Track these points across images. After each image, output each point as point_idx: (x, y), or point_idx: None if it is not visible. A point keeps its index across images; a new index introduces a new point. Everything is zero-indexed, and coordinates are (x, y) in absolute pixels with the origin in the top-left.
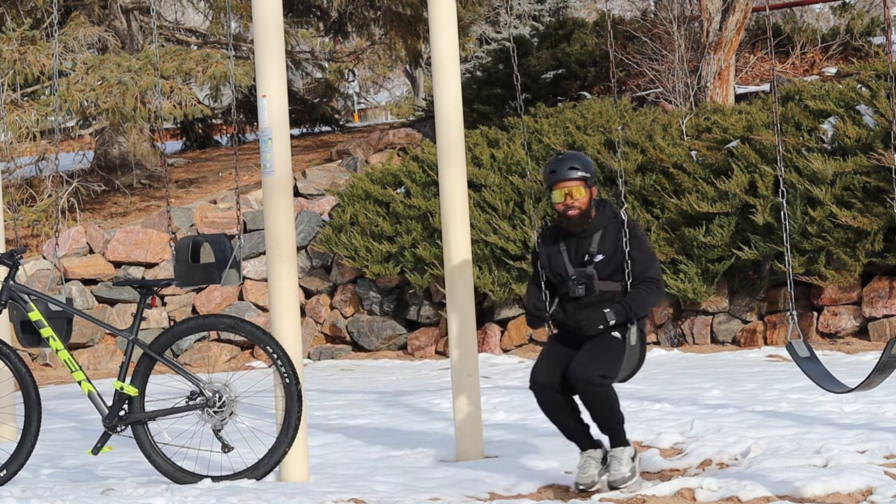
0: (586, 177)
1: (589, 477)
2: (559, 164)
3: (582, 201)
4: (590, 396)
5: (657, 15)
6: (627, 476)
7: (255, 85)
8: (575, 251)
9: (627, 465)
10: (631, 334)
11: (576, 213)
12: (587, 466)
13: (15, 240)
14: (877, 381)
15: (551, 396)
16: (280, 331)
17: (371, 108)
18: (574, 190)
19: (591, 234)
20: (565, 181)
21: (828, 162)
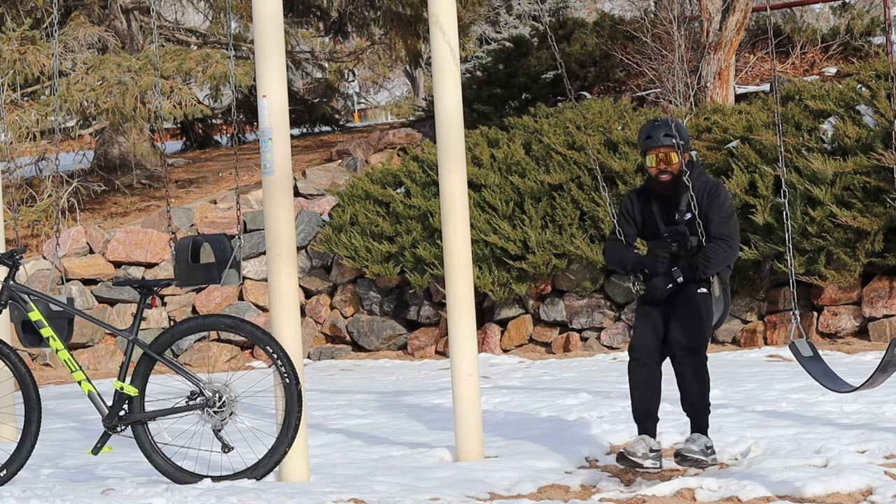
0: (680, 143)
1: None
2: (654, 129)
3: (674, 166)
4: (688, 366)
5: (657, 15)
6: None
7: (255, 85)
8: (665, 211)
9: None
10: (714, 287)
11: (668, 177)
12: (639, 443)
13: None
14: (879, 380)
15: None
16: (280, 331)
17: (371, 108)
18: (667, 155)
19: (679, 195)
20: (660, 147)
21: (828, 162)
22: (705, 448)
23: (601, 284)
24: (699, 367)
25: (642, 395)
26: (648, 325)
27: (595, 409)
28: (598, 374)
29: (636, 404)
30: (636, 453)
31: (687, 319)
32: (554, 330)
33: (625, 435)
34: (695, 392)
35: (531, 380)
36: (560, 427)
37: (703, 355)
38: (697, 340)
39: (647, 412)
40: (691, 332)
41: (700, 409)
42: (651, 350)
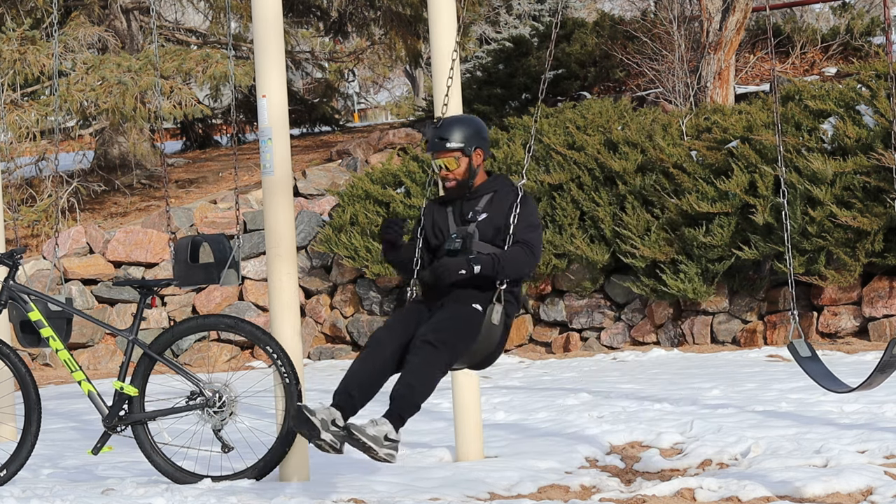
0: (461, 146)
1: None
2: (434, 132)
3: (458, 171)
4: (421, 358)
5: (657, 15)
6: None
7: (255, 85)
8: (460, 211)
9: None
10: (494, 312)
11: (453, 184)
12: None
13: (15, 240)
14: (878, 380)
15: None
16: (280, 331)
17: (371, 108)
18: (448, 161)
19: (480, 195)
20: (439, 152)
21: (828, 162)
22: (383, 437)
23: (601, 284)
24: (427, 364)
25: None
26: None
27: (595, 409)
28: (598, 374)
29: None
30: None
31: (443, 319)
32: (554, 330)
33: (625, 435)
34: (409, 384)
35: (531, 380)
36: (560, 427)
37: (440, 357)
38: (442, 339)
39: (348, 392)
40: (440, 329)
41: (405, 403)
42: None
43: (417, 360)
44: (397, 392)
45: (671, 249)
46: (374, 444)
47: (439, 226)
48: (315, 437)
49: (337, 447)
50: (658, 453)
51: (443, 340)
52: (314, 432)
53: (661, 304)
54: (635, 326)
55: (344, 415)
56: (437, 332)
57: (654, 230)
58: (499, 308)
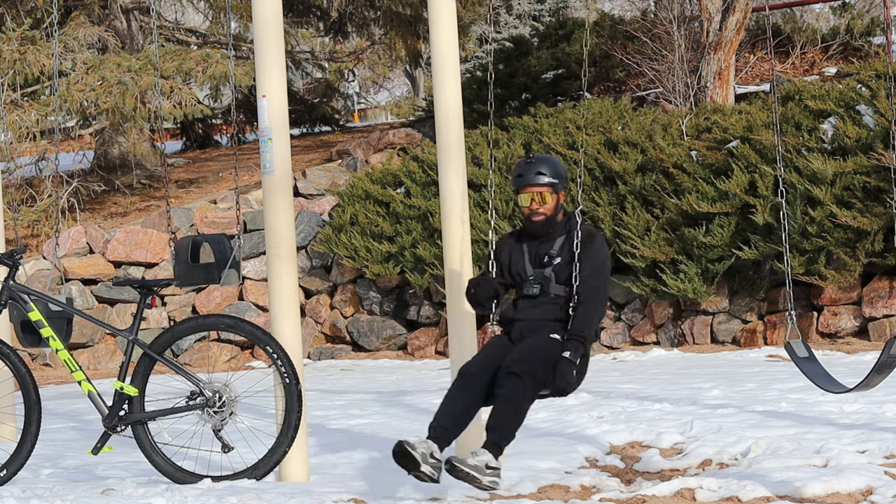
0: (554, 182)
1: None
2: (528, 167)
3: (548, 207)
4: (508, 390)
5: (657, 15)
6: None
7: (255, 85)
8: (536, 252)
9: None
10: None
11: (541, 218)
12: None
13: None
14: (876, 380)
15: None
16: (280, 331)
17: (371, 108)
18: (540, 195)
19: (554, 237)
20: (532, 186)
21: (828, 162)
22: (484, 466)
23: None
24: (516, 395)
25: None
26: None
27: (595, 409)
28: (598, 374)
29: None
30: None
31: (524, 351)
32: None
33: (625, 435)
34: (502, 417)
35: None
36: (560, 427)
37: (526, 387)
38: (526, 370)
39: (444, 426)
40: (524, 361)
41: (500, 433)
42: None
43: (505, 392)
44: (492, 424)
45: (671, 249)
46: (477, 474)
47: (516, 266)
48: (415, 470)
49: (435, 478)
50: (658, 453)
51: (527, 371)
52: (414, 465)
53: (661, 304)
54: (635, 326)
55: (440, 445)
56: (522, 363)
57: (654, 230)
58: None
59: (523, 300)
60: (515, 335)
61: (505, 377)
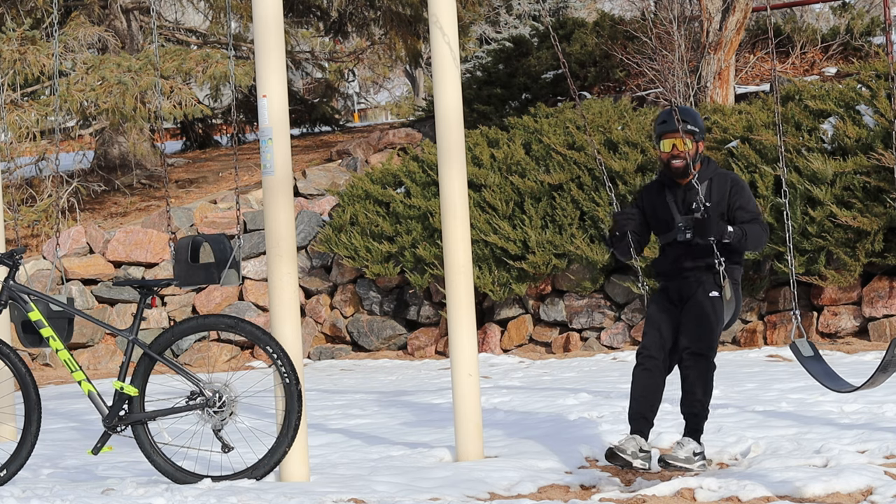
0: (694, 130)
1: (630, 446)
2: (670, 115)
3: (689, 152)
4: (695, 371)
5: (657, 15)
6: (680, 458)
7: (255, 85)
8: (682, 200)
9: (690, 452)
10: (726, 290)
11: (681, 163)
12: (629, 441)
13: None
14: (880, 380)
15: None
16: (280, 331)
17: (371, 108)
18: (680, 141)
19: (700, 183)
20: (674, 132)
21: (828, 162)
22: (692, 455)
23: (601, 284)
24: (704, 372)
25: (641, 397)
26: (656, 330)
27: (595, 409)
28: (598, 374)
29: (633, 404)
30: (626, 450)
31: (696, 325)
32: (554, 330)
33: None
34: (696, 396)
35: (531, 380)
36: (560, 427)
37: (709, 361)
38: (706, 346)
39: (642, 414)
40: (699, 337)
41: (697, 414)
42: (656, 355)
43: (692, 373)
44: (688, 411)
45: None
46: (688, 465)
47: (662, 214)
48: (628, 468)
49: (646, 468)
50: (658, 453)
51: (706, 346)
52: (627, 465)
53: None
54: (635, 326)
55: (644, 435)
56: (698, 340)
57: None
58: (727, 285)
59: (672, 247)
60: (674, 296)
61: (688, 358)
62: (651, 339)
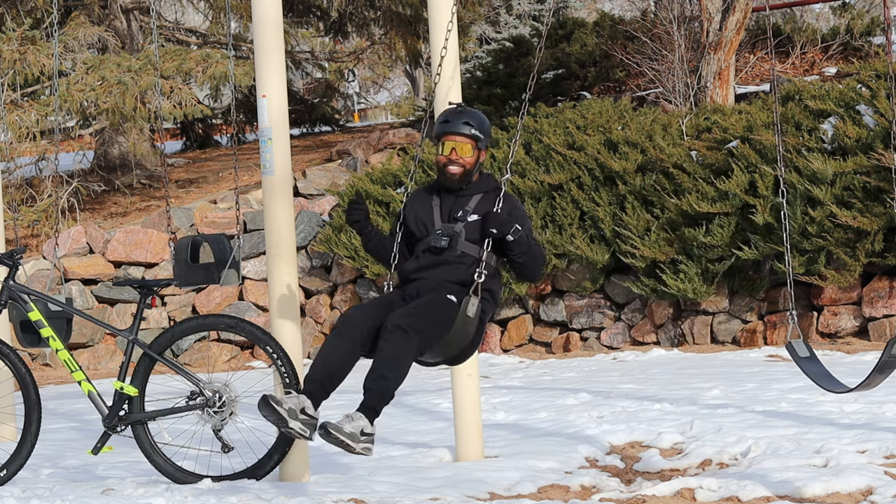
0: (478, 136)
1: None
2: (454, 115)
3: (468, 160)
4: (392, 344)
5: (657, 15)
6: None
7: (255, 85)
8: (449, 208)
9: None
10: (470, 304)
11: (458, 170)
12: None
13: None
14: (877, 380)
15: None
16: (280, 331)
17: (371, 108)
18: (462, 146)
19: (470, 195)
20: (455, 135)
21: (828, 162)
22: (360, 433)
23: (601, 284)
24: (400, 349)
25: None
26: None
27: (595, 409)
28: (598, 374)
29: (313, 368)
30: (283, 404)
31: (417, 306)
32: (554, 330)
33: (625, 435)
34: (381, 371)
35: (531, 380)
36: (560, 427)
37: (411, 342)
38: (413, 326)
39: (319, 380)
40: (413, 315)
41: (377, 394)
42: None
43: (388, 346)
44: (370, 384)
45: (671, 249)
46: (350, 441)
47: (423, 219)
48: (283, 426)
49: (306, 434)
50: (658, 453)
51: (414, 327)
52: (282, 421)
53: (661, 304)
54: (635, 326)
55: (314, 401)
56: (410, 317)
57: (654, 230)
58: (475, 301)
59: (427, 254)
60: (411, 291)
61: (390, 331)
62: (361, 307)
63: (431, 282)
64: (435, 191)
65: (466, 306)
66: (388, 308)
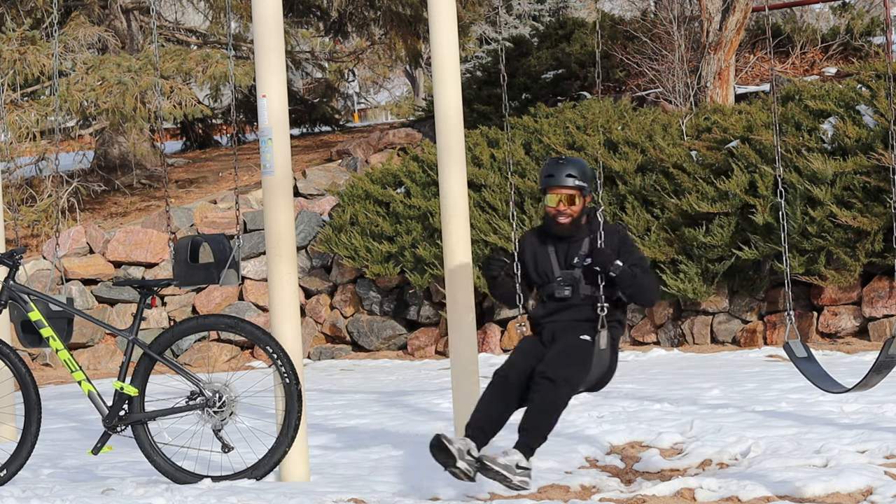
0: (583, 186)
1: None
2: (557, 168)
3: (575, 209)
4: (543, 395)
5: (657, 15)
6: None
7: (255, 85)
8: (564, 254)
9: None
10: (601, 338)
11: (567, 220)
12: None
13: (15, 240)
14: (874, 380)
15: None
16: (280, 331)
17: (371, 108)
18: (568, 197)
19: (582, 238)
20: (560, 188)
21: (828, 162)
22: (514, 465)
23: None
24: (550, 399)
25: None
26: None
27: (595, 409)
28: None
29: (475, 413)
30: (454, 443)
31: (558, 354)
32: None
33: (625, 435)
34: (533, 416)
35: None
36: (560, 427)
37: (560, 391)
38: (561, 375)
39: (479, 426)
40: (558, 364)
41: (532, 434)
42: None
43: (539, 396)
44: (524, 427)
45: (671, 249)
46: (507, 473)
47: (542, 267)
48: (451, 466)
49: (470, 475)
50: (658, 453)
51: (559, 375)
52: (451, 460)
53: (661, 304)
54: (635, 326)
55: (477, 445)
56: (554, 367)
57: (654, 230)
58: (604, 334)
59: (551, 301)
60: (547, 336)
61: (539, 382)
62: (510, 362)
63: (564, 323)
64: (547, 237)
65: (599, 341)
66: (533, 358)
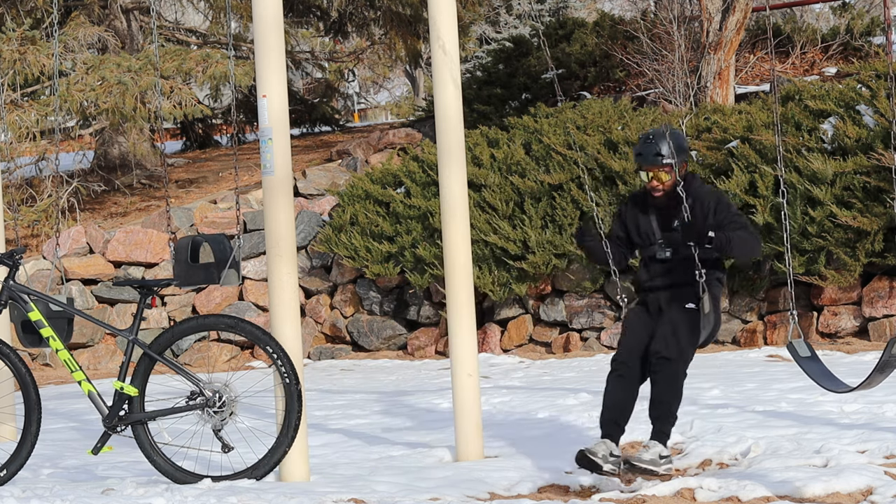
0: (671, 162)
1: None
2: (646, 147)
3: (667, 183)
4: (663, 374)
5: (657, 15)
6: (645, 460)
7: (255, 85)
8: (664, 219)
9: (655, 454)
10: (704, 303)
11: (661, 194)
12: (600, 445)
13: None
14: (877, 380)
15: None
16: (280, 331)
17: (371, 108)
18: (659, 174)
19: (680, 203)
20: (650, 166)
21: (828, 162)
22: (658, 457)
23: (601, 284)
24: (672, 378)
25: (613, 404)
26: (630, 338)
27: (595, 410)
28: (598, 374)
29: (605, 410)
30: (597, 453)
31: (669, 332)
32: (554, 330)
33: (625, 435)
34: (662, 400)
35: (531, 380)
36: (560, 427)
37: (678, 367)
38: (675, 352)
39: (614, 420)
40: (671, 343)
41: (663, 419)
42: (629, 362)
43: (660, 377)
44: (654, 414)
45: None
46: (654, 467)
47: (643, 229)
48: (599, 471)
49: (616, 472)
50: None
51: (674, 351)
52: (597, 468)
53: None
54: None
55: (614, 440)
56: (668, 345)
57: None
58: (706, 298)
59: (653, 263)
60: (653, 308)
61: (656, 363)
62: (626, 346)
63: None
64: (648, 202)
65: (703, 306)
66: (644, 333)
